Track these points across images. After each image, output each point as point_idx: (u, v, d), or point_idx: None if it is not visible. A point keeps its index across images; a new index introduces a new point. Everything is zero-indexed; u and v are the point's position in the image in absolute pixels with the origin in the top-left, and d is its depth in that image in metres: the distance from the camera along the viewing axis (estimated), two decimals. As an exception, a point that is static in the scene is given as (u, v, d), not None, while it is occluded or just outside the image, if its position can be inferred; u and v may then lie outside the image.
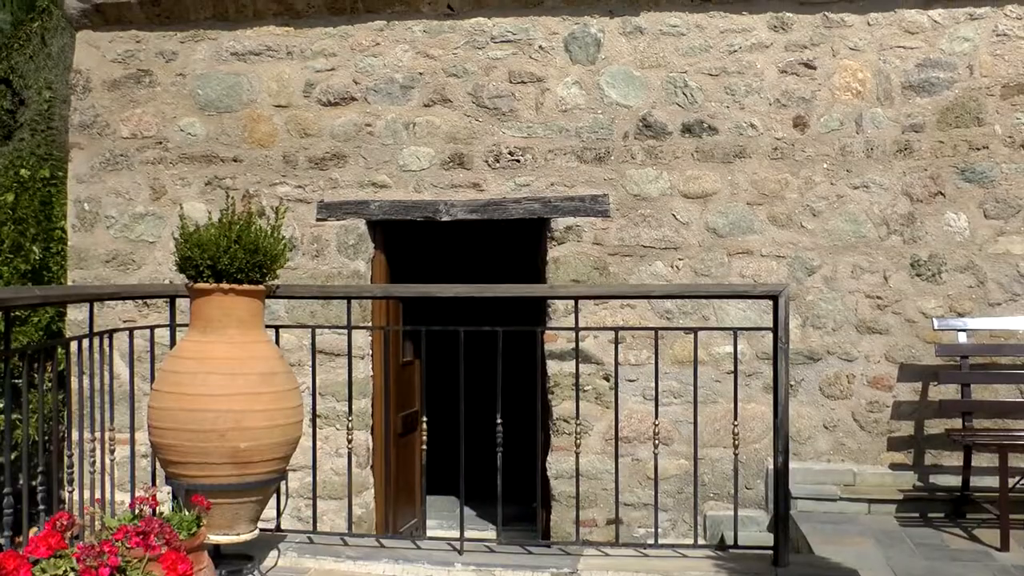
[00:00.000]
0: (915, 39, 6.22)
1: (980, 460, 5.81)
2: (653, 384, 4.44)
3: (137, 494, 3.62)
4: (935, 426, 6.13)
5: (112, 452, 4.28)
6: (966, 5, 6.18)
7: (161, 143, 6.82)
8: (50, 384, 4.29)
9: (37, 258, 8.93)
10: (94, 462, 4.13)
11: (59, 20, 13.26)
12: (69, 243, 6.98)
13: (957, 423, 5.89)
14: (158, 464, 3.92)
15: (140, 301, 6.64)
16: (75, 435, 4.07)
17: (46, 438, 6.05)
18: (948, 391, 6.05)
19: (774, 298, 4.02)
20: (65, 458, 3.88)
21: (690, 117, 6.34)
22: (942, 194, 6.16)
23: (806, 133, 6.27)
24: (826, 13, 6.27)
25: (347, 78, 6.64)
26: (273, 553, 4.15)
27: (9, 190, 9.10)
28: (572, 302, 4.48)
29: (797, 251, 6.25)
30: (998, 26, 6.16)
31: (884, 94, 6.22)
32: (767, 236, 6.27)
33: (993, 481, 5.61)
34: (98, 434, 4.19)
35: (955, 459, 6.00)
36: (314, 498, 4.62)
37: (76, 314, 6.62)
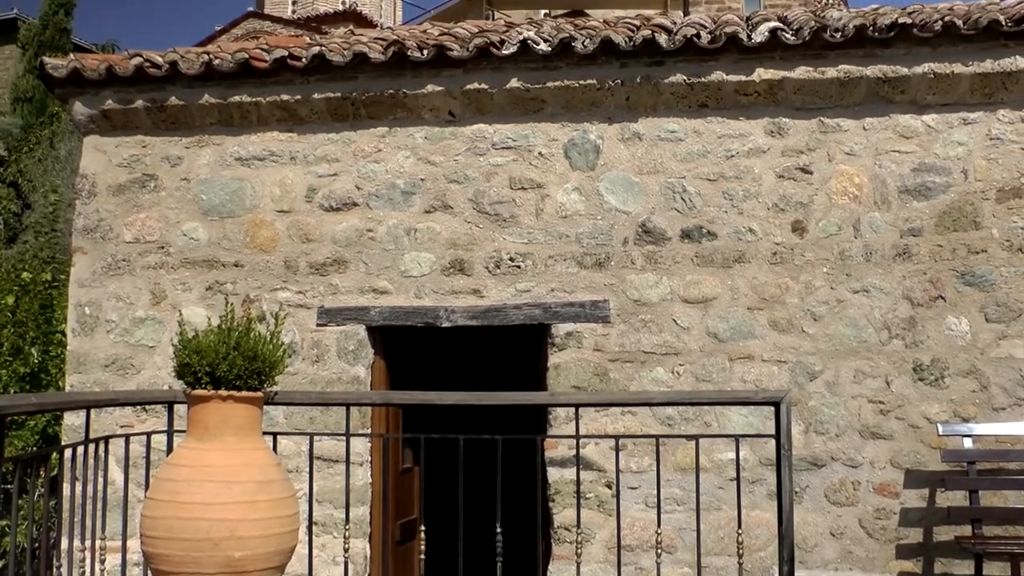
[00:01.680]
0: (910, 143, 6.29)
1: (991, 568, 5.68)
2: (655, 491, 4.37)
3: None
4: (944, 533, 6.00)
5: (103, 561, 4.19)
6: (959, 110, 6.26)
7: (163, 248, 6.84)
8: (42, 491, 4.22)
9: (36, 361, 8.91)
10: (83, 572, 4.04)
11: (67, 124, 13.50)
12: (68, 347, 6.95)
13: (966, 530, 5.78)
14: (150, 574, 3.83)
15: (138, 406, 6.58)
16: (64, 543, 3.99)
17: (35, 546, 5.93)
18: (956, 497, 5.95)
19: (776, 404, 3.98)
20: (54, 568, 3.79)
21: (689, 222, 6.38)
22: (942, 298, 6.15)
23: (805, 238, 6.30)
24: (822, 118, 6.35)
25: (349, 183, 6.71)
26: (265, 669, 4.02)
27: (10, 292, 9.14)
28: (573, 409, 4.44)
29: (798, 356, 6.21)
30: (991, 130, 6.23)
31: (881, 198, 6.27)
32: (768, 341, 6.25)
33: (1006, 591, 5.49)
34: (88, 542, 4.11)
35: (966, 567, 5.87)
36: (309, 610, 4.51)
37: (73, 419, 6.55)
